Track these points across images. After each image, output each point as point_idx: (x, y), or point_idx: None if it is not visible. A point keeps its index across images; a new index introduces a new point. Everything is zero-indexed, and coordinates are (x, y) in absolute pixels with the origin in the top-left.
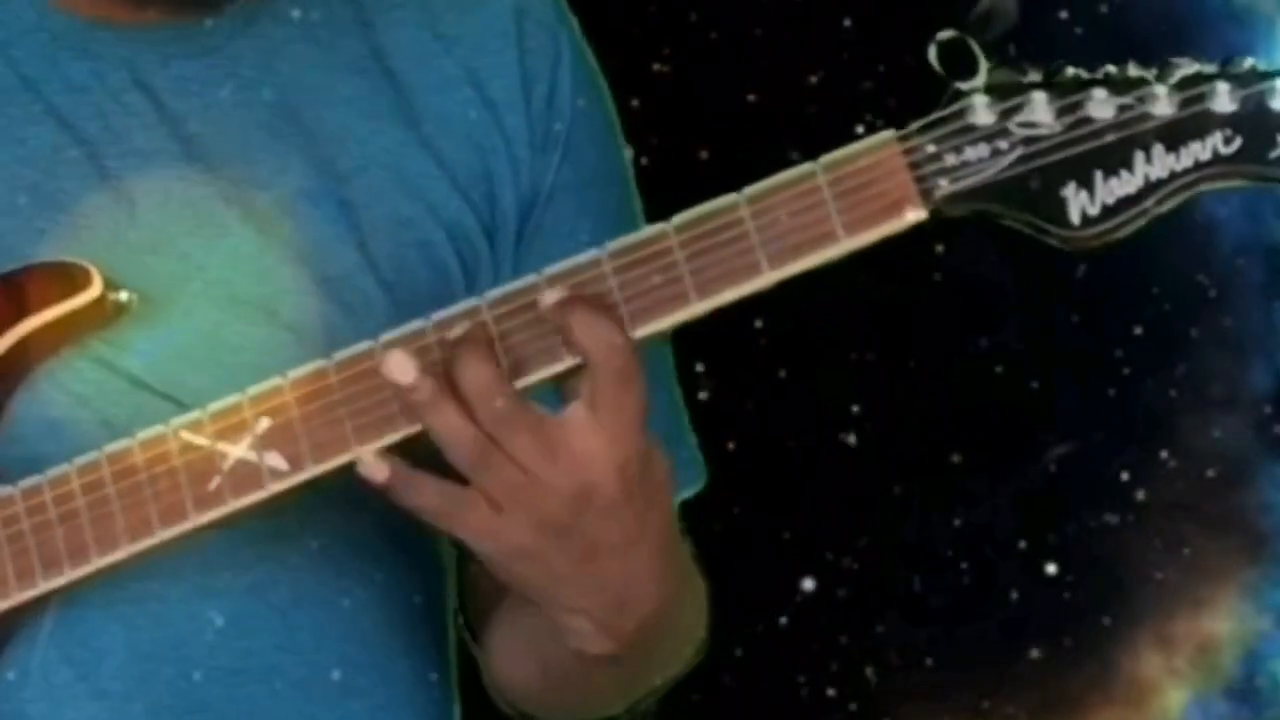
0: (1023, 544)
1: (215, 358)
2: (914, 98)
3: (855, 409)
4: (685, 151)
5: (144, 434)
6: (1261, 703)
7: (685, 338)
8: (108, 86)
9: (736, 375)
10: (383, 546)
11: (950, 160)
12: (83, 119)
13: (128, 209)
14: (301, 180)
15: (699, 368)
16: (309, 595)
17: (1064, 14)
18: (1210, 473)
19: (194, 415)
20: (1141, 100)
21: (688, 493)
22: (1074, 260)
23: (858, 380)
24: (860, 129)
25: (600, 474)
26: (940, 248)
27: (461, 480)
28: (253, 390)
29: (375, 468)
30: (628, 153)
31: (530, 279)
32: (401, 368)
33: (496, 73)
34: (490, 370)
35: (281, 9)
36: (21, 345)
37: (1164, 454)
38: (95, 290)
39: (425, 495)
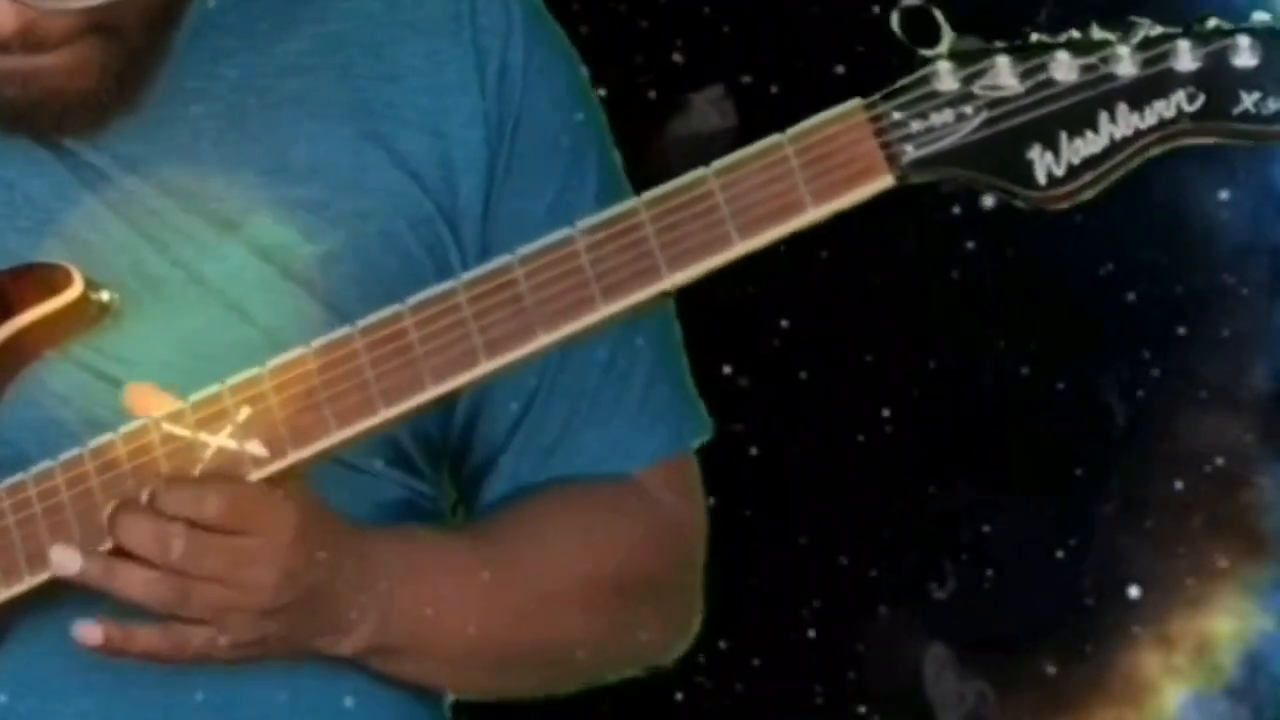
0: (1022, 544)
1: (193, 362)
2: None
3: (886, 412)
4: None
5: (126, 427)
6: (1261, 703)
7: (710, 340)
8: None
9: (762, 377)
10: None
11: (916, 126)
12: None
13: (89, 221)
14: (256, 187)
15: (726, 369)
16: None
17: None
18: (1210, 473)
19: (175, 406)
20: (1104, 61)
21: (697, 443)
22: (1085, 261)
23: (877, 382)
24: None
25: (290, 548)
26: (971, 244)
27: None
28: (233, 380)
29: (90, 634)
30: (601, 115)
31: (504, 259)
32: (66, 562)
33: (452, 55)
34: (150, 523)
35: (221, 16)
36: (4, 347)
37: (1164, 454)
38: (76, 290)
39: (147, 640)
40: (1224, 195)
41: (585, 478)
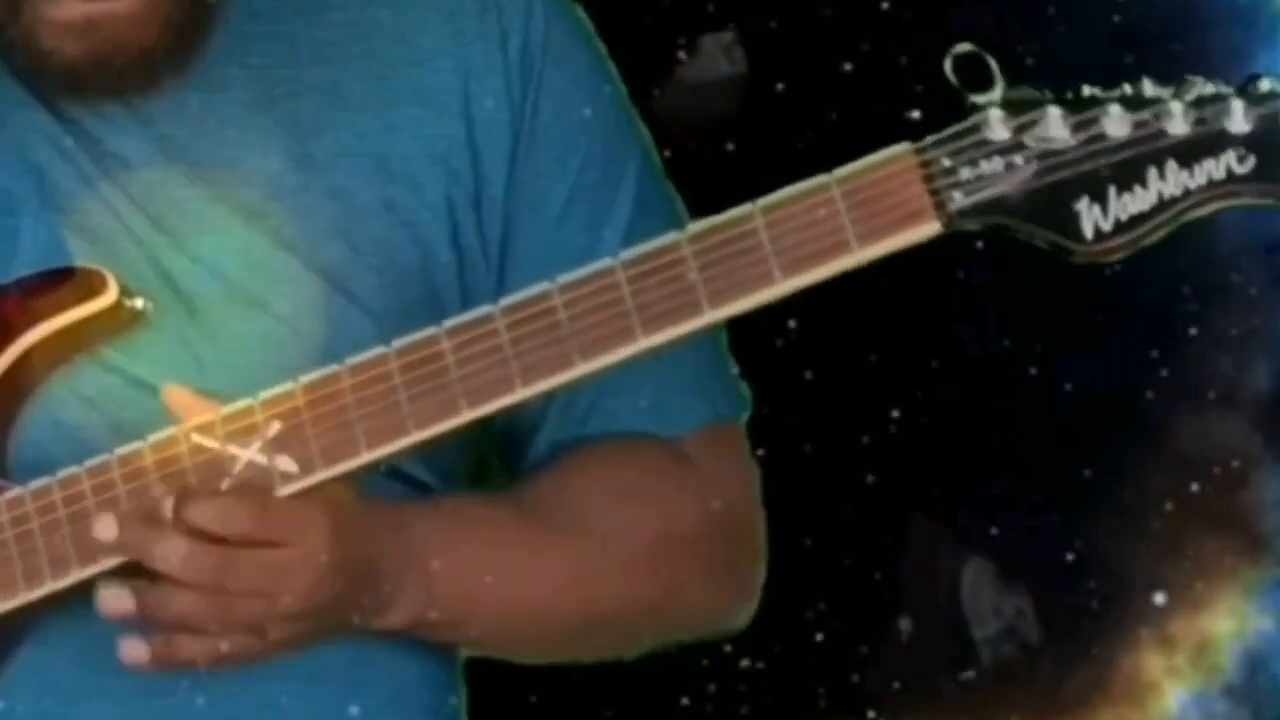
0: (1022, 544)
1: (215, 356)
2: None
3: (893, 413)
4: (710, 143)
5: (155, 436)
6: (1261, 703)
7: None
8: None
9: (768, 377)
10: None
11: (965, 174)
12: (64, 119)
13: (111, 213)
14: (282, 174)
15: (732, 370)
16: None
17: (1068, 14)
18: (1210, 473)
19: (205, 418)
20: (1157, 117)
21: (736, 415)
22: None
23: (883, 383)
24: (898, 117)
25: (322, 554)
26: (979, 243)
27: None
28: (265, 394)
29: (136, 652)
30: (620, 88)
31: (542, 287)
32: (110, 599)
33: (475, 37)
34: (181, 544)
35: (249, 2)
36: (36, 350)
37: (1164, 454)
38: (110, 297)
39: (189, 650)
40: None
41: (624, 437)
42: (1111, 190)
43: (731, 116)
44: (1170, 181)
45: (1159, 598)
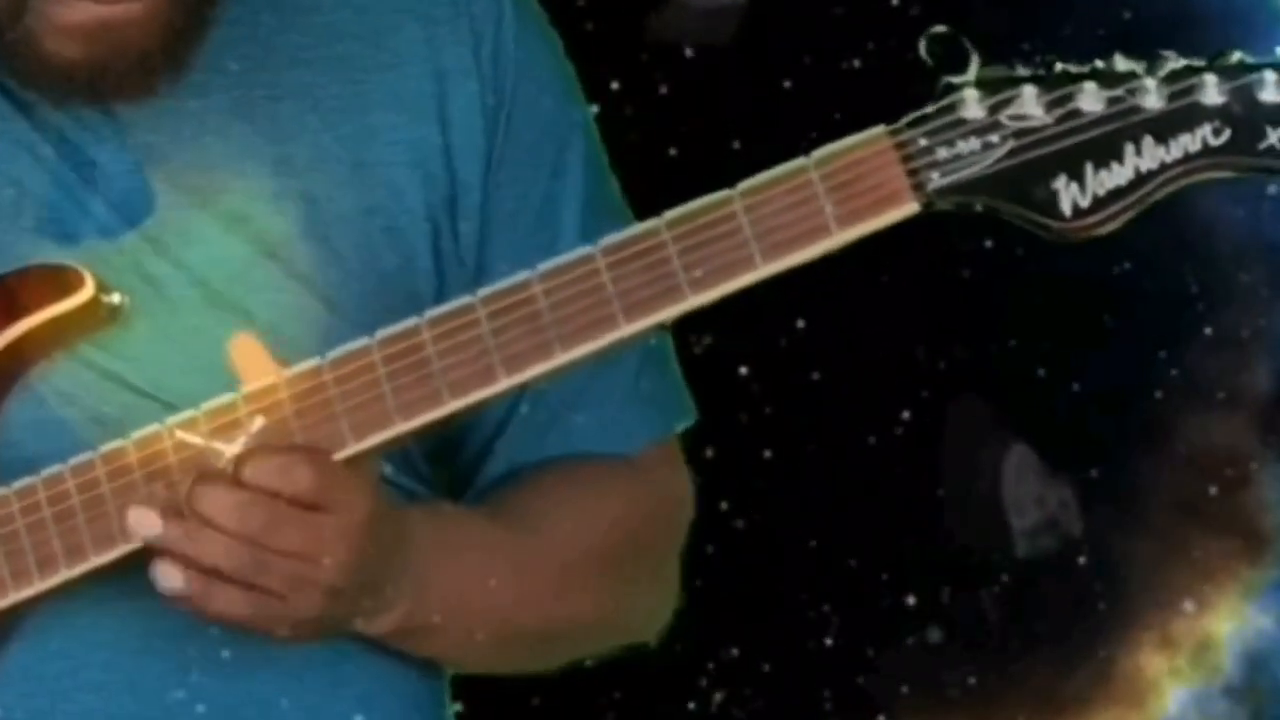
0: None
1: (195, 359)
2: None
3: (895, 414)
4: (715, 141)
5: (139, 433)
6: (1261, 702)
7: (724, 341)
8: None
9: (775, 379)
10: None
11: (942, 153)
12: (44, 127)
13: (94, 220)
14: (260, 179)
15: (742, 370)
16: None
17: (1070, 13)
18: (1210, 473)
19: (189, 414)
20: (1131, 93)
21: (683, 426)
22: (1099, 260)
23: (890, 384)
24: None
25: (361, 530)
26: (989, 242)
27: None
28: (248, 388)
29: (170, 577)
30: (591, 108)
31: (522, 276)
32: (144, 523)
33: (448, 41)
34: (231, 494)
35: (223, 8)
36: (14, 347)
37: (1164, 454)
38: (87, 293)
39: (226, 601)
40: (1271, 189)
41: (583, 457)
42: (1089, 167)
43: (728, 46)
44: (1147, 156)
45: (1165, 598)
